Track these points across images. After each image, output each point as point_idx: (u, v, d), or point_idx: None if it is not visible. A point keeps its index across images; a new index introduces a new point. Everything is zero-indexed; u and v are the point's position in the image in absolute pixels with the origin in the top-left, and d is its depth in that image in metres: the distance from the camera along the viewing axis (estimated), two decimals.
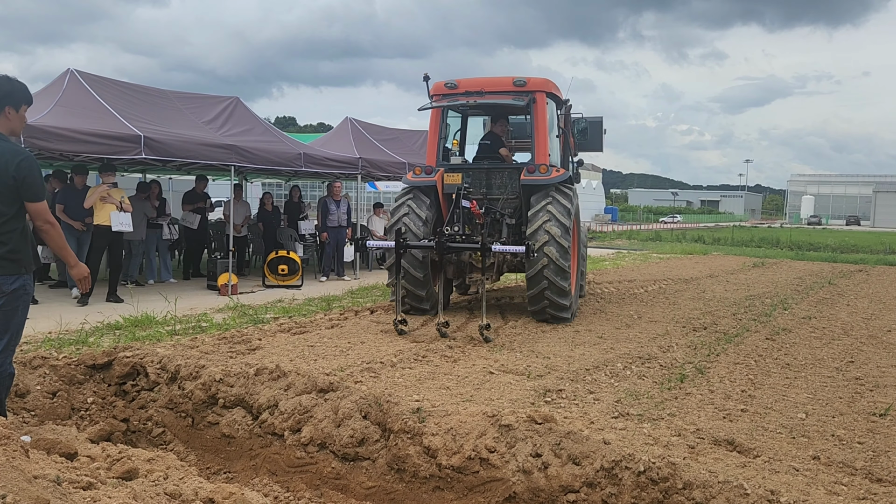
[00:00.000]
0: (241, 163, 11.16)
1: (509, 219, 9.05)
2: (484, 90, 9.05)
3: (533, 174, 8.70)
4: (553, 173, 8.74)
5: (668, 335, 8.15)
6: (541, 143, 8.99)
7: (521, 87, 8.94)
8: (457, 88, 9.16)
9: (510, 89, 8.99)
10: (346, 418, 4.51)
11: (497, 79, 9.22)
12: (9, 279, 3.91)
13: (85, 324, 7.94)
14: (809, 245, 30.02)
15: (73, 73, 10.60)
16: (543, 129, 9.01)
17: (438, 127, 9.60)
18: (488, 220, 8.97)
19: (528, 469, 3.93)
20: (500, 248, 7.54)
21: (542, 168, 8.69)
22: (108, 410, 5.09)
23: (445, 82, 9.21)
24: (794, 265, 19.80)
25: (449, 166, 9.34)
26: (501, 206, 9.16)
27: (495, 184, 9.21)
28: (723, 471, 3.83)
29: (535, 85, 9.00)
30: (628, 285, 13.30)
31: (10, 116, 3.93)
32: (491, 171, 9.26)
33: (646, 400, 5.44)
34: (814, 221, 75.85)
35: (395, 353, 6.76)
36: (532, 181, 8.71)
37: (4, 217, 3.89)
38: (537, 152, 8.99)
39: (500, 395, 5.40)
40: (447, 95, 9.19)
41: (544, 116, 9.01)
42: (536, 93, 8.99)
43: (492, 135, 9.81)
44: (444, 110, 9.58)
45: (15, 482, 2.01)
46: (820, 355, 7.30)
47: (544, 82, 9.14)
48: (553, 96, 9.42)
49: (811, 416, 5.14)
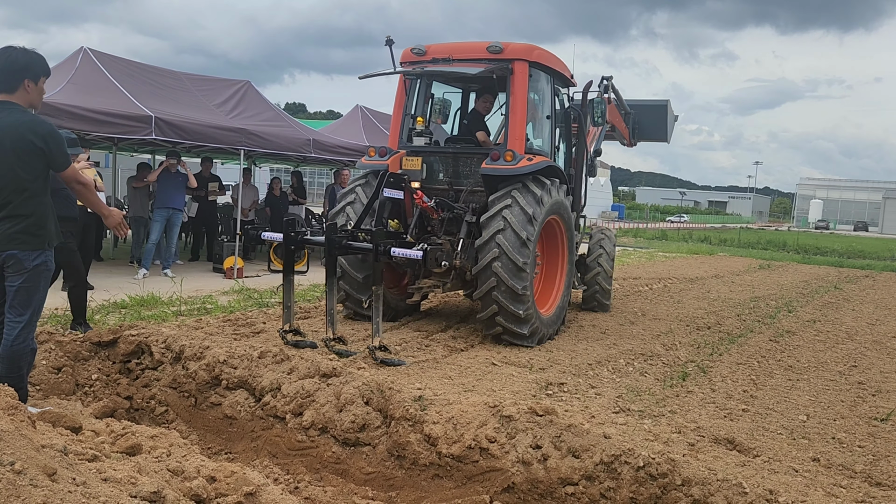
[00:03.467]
0: (250, 147, 11.18)
1: (471, 215, 7.21)
2: (452, 57, 7.41)
3: (496, 162, 6.94)
4: (522, 162, 6.92)
5: (671, 333, 8.15)
6: (516, 124, 7.19)
7: (497, 55, 7.18)
8: (424, 55, 7.58)
9: (483, 56, 7.25)
10: (347, 404, 4.53)
11: (470, 44, 7.55)
12: (31, 254, 3.92)
13: (91, 301, 7.98)
14: (816, 249, 29.93)
15: (87, 51, 10.62)
16: (521, 106, 7.20)
17: (403, 101, 7.96)
18: (446, 216, 7.34)
19: (527, 460, 3.95)
20: (397, 252, 5.87)
21: (507, 155, 6.89)
22: (112, 387, 5.13)
23: (413, 48, 7.66)
24: (800, 269, 19.74)
25: (411, 148, 7.74)
26: (464, 199, 7.45)
27: (463, 172, 7.60)
28: (722, 469, 3.84)
29: (514, 52, 7.22)
30: (633, 283, 13.29)
31: (29, 89, 3.90)
32: (458, 156, 7.63)
33: (647, 396, 5.45)
34: (821, 226, 75.51)
35: (399, 342, 6.78)
36: (492, 171, 6.98)
37: (27, 191, 3.88)
38: (510, 135, 7.19)
39: (502, 386, 5.42)
40: (414, 63, 7.65)
41: (523, 91, 7.20)
42: (515, 62, 7.20)
43: (473, 113, 8.18)
44: (412, 81, 7.92)
45: (23, 450, 2.03)
46: (823, 359, 7.29)
47: (527, 49, 7.32)
48: (542, 67, 7.60)
49: (812, 419, 5.15)
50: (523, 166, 6.93)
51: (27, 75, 3.87)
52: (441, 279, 7.23)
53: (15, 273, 3.92)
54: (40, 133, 3.83)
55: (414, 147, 7.71)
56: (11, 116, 3.82)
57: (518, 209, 6.71)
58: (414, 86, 7.96)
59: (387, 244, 5.83)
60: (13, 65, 3.83)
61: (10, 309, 3.96)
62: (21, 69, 3.84)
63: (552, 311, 7.45)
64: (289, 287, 6.25)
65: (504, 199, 6.81)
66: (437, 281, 7.25)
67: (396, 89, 7.97)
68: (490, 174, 7.04)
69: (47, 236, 4.02)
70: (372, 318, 5.84)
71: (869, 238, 51.36)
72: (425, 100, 8.11)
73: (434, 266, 6.08)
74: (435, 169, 7.68)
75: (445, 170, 7.68)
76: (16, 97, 3.88)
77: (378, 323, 5.75)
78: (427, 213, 7.35)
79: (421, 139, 7.74)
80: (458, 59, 7.38)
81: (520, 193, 6.80)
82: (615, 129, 10.58)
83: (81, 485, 2.11)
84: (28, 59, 3.89)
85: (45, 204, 4.01)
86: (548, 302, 7.56)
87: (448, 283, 7.20)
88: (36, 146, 3.83)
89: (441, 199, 7.36)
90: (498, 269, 6.59)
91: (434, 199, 7.30)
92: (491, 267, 6.63)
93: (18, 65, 3.84)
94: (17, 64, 3.84)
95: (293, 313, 6.20)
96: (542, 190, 6.96)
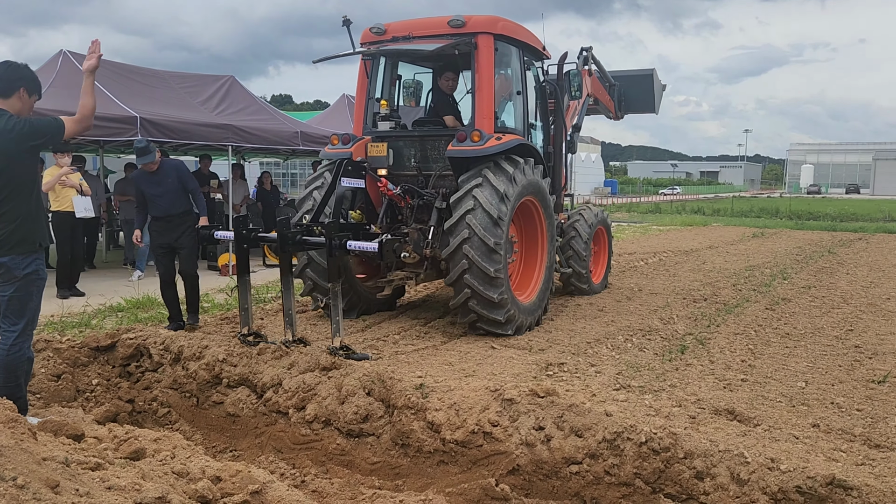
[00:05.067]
0: (238, 142, 11.12)
1: (441, 201, 6.84)
2: (412, 34, 6.99)
3: (463, 143, 6.52)
4: (490, 142, 6.50)
5: (668, 307, 8.19)
6: (483, 102, 6.78)
7: (459, 29, 6.76)
8: (384, 34, 7.15)
9: (445, 31, 6.83)
10: (349, 395, 4.54)
11: (430, 19, 7.15)
12: (23, 262, 3.95)
13: (87, 306, 7.97)
14: (809, 214, 30.02)
15: (66, 54, 10.52)
16: (488, 83, 6.78)
17: (366, 84, 7.52)
18: (415, 203, 7.03)
19: (531, 442, 3.97)
20: (354, 246, 5.42)
21: (475, 135, 6.46)
22: (113, 392, 5.13)
23: (372, 27, 7.25)
24: (793, 235, 19.81)
25: (376, 134, 7.35)
26: (433, 184, 7.10)
27: (431, 156, 7.17)
28: (723, 440, 3.87)
29: (477, 25, 6.79)
30: (629, 258, 13.32)
31: (22, 98, 4.08)
32: (425, 140, 7.19)
33: (647, 372, 5.48)
34: (813, 190, 75.67)
35: (398, 330, 6.80)
36: (459, 153, 6.56)
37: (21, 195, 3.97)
38: (478, 114, 6.79)
39: (502, 369, 5.44)
40: (375, 43, 7.21)
41: (489, 66, 6.78)
42: (479, 35, 6.77)
43: (437, 93, 7.67)
44: (373, 63, 7.49)
45: (25, 464, 2.03)
46: (819, 324, 7.34)
47: (490, 21, 6.87)
48: (508, 40, 7.16)
49: (811, 385, 5.19)
50: (492, 146, 6.50)
51: (23, 84, 4.08)
52: (414, 270, 6.90)
53: (6, 282, 3.94)
54: (25, 131, 3.94)
55: (379, 133, 7.33)
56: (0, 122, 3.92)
57: (490, 188, 6.36)
58: (376, 67, 7.54)
59: (342, 237, 5.33)
60: (14, 73, 4.07)
61: (4, 318, 3.98)
62: (20, 78, 4.07)
63: (532, 298, 7.06)
64: (245, 288, 5.75)
65: (475, 178, 6.47)
66: (409, 272, 6.96)
67: (358, 72, 7.56)
68: (457, 156, 6.62)
69: (38, 237, 4.06)
70: (331, 317, 5.37)
71: (861, 200, 51.54)
72: (391, 82, 7.71)
73: (391, 258, 5.61)
74: (403, 154, 7.27)
75: (413, 155, 7.26)
76: (9, 103, 4.04)
77: (338, 322, 5.29)
78: (396, 202, 7.08)
79: (386, 123, 7.33)
80: (419, 37, 6.96)
81: (491, 172, 6.45)
82: (599, 102, 10.19)
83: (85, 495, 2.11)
84: (27, 73, 4.15)
85: (35, 206, 4.08)
86: (527, 289, 7.19)
87: (421, 273, 6.88)
88: (26, 146, 3.96)
89: (409, 185, 7.03)
90: (469, 251, 6.23)
91: (401, 187, 6.98)
92: (461, 249, 6.26)
93: (18, 73, 4.08)
94: (18, 73, 4.08)
95: (251, 315, 5.77)
96: (514, 169, 6.59)
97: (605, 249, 9.70)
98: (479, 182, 6.40)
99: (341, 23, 7.17)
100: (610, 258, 9.86)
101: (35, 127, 3.98)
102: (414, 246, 6.55)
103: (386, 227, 7.00)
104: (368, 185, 7.18)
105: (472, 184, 6.41)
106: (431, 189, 7.04)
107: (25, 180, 4.00)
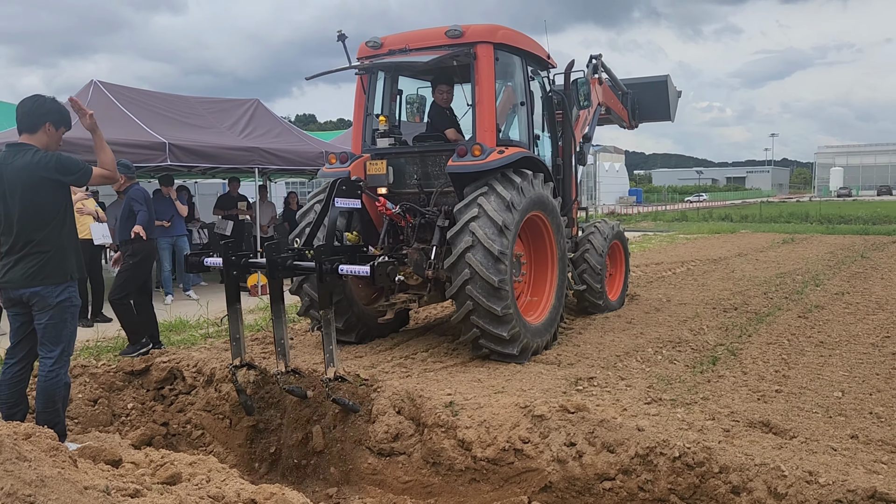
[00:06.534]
0: (264, 164, 11.28)
1: (443, 219, 6.52)
2: (409, 47, 6.76)
3: (463, 158, 6.25)
4: (492, 156, 6.21)
5: (698, 317, 8.09)
6: (484, 115, 6.49)
7: (457, 39, 6.49)
8: (381, 48, 6.92)
9: (443, 42, 6.57)
10: (379, 414, 4.57)
11: (428, 31, 6.86)
12: (55, 290, 4.07)
13: (121, 331, 8.11)
14: (840, 218, 29.49)
15: (97, 84, 10.79)
16: (489, 94, 6.51)
17: (363, 100, 7.23)
18: (417, 222, 6.70)
19: (562, 458, 3.96)
20: (345, 270, 4.96)
21: (475, 149, 6.19)
22: (147, 415, 5.22)
23: (368, 41, 7.00)
24: (824, 239, 19.48)
25: (375, 151, 7.04)
26: (435, 201, 6.75)
27: (433, 173, 6.87)
28: (759, 453, 3.82)
29: (476, 34, 6.51)
30: (656, 268, 13.20)
31: (48, 132, 4.20)
32: (426, 156, 6.89)
33: (678, 384, 5.43)
34: (843, 193, 74.40)
35: (426, 348, 6.81)
36: (459, 168, 6.26)
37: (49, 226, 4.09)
38: (479, 127, 6.51)
39: (531, 385, 5.42)
40: (371, 57, 6.97)
41: (490, 77, 6.50)
42: (478, 45, 6.48)
43: (434, 107, 7.33)
44: (371, 78, 7.23)
45: (68, 494, 2.09)
46: (854, 331, 7.20)
47: (490, 30, 6.61)
48: (510, 49, 6.87)
49: (847, 395, 5.09)
50: (493, 160, 6.19)
51: (49, 119, 4.20)
52: (417, 292, 6.61)
53: (41, 311, 4.06)
54: (50, 166, 4.06)
55: (378, 150, 7.02)
56: (24, 158, 4.05)
57: (496, 196, 6.06)
58: (374, 82, 7.27)
59: (334, 261, 4.95)
60: (39, 108, 4.19)
61: (41, 346, 4.10)
62: (45, 112, 4.19)
63: (541, 320, 6.66)
64: (235, 316, 5.30)
65: (480, 187, 6.19)
66: (412, 295, 6.66)
67: (355, 88, 7.27)
68: (457, 172, 6.30)
69: (70, 269, 4.17)
70: (323, 346, 5.01)
71: (893, 202, 50.50)
72: (392, 97, 7.47)
73: (386, 282, 5.15)
74: (403, 172, 6.95)
75: (414, 172, 6.94)
76: (36, 138, 4.17)
77: (332, 351, 4.93)
78: (396, 222, 6.76)
79: (385, 140, 7.02)
80: (416, 49, 6.71)
81: (498, 182, 6.18)
82: (611, 111, 9.78)
83: None
84: (54, 106, 4.25)
85: (66, 236, 4.19)
86: (536, 310, 6.81)
87: (425, 296, 6.58)
88: (51, 180, 4.06)
89: (409, 204, 6.71)
90: (473, 260, 5.88)
91: (400, 205, 6.66)
92: (464, 258, 5.91)
93: (44, 108, 4.20)
94: (43, 108, 4.20)
95: (244, 346, 5.34)
96: (522, 180, 6.29)
97: (621, 265, 9.20)
98: (484, 191, 6.14)
99: (336, 37, 6.95)
100: (627, 274, 9.33)
101: (62, 163, 4.09)
102: (415, 267, 6.31)
103: (388, 248, 6.75)
104: (368, 205, 6.86)
105: (477, 192, 6.15)
106: (433, 207, 6.73)
107: (55, 213, 4.11)
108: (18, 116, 4.19)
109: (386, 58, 6.80)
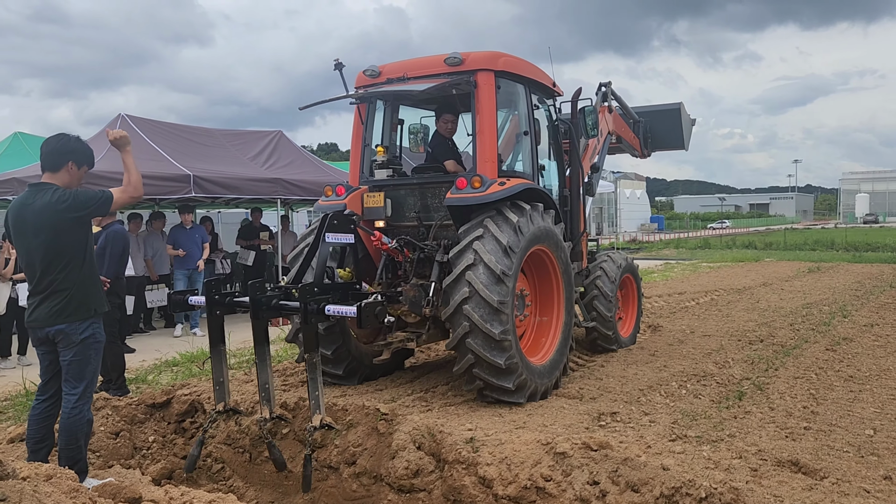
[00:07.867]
0: (286, 195, 11.41)
1: (442, 254, 6.23)
2: (407, 75, 6.58)
3: (462, 190, 5.96)
4: (493, 188, 5.92)
5: (723, 350, 7.97)
6: (485, 144, 6.25)
7: (456, 67, 6.28)
8: (379, 77, 6.74)
9: (442, 70, 6.35)
10: (399, 450, 4.52)
11: (427, 58, 6.66)
12: (79, 327, 4.10)
13: (144, 361, 8.18)
14: (867, 245, 29.03)
15: (124, 117, 11.04)
16: (490, 123, 6.27)
17: (361, 131, 7.04)
18: (415, 257, 6.40)
19: (585, 497, 3.88)
20: (332, 311, 4.63)
21: (475, 181, 5.90)
22: (168, 448, 5.22)
23: (366, 69, 6.81)
24: (851, 268, 19.17)
25: (373, 183, 6.86)
26: (434, 235, 6.48)
27: (432, 205, 6.62)
28: (788, 495, 3.72)
29: (476, 62, 6.29)
30: (678, 298, 13.06)
31: (70, 171, 4.22)
32: (425, 188, 6.65)
33: (703, 420, 5.32)
34: (870, 220, 73.31)
35: (446, 381, 6.77)
36: (458, 201, 5.99)
37: (70, 264, 4.11)
38: (479, 157, 6.25)
39: (553, 420, 5.35)
40: (369, 86, 6.79)
41: (491, 106, 6.27)
42: (479, 73, 6.26)
43: (436, 137, 7.16)
44: (369, 107, 7.05)
45: None
46: (885, 365, 7.03)
47: (491, 57, 6.37)
48: (512, 77, 6.62)
49: (879, 433, 4.95)
50: (494, 192, 5.90)
51: (72, 158, 4.22)
52: (416, 330, 6.39)
53: (65, 347, 4.10)
54: (70, 205, 4.07)
55: (375, 181, 6.83)
56: (44, 198, 4.08)
57: (492, 239, 5.74)
58: (372, 111, 7.08)
59: (320, 301, 4.65)
60: (63, 147, 4.22)
61: (65, 383, 4.13)
62: (68, 151, 4.21)
63: (547, 360, 6.32)
64: (218, 359, 4.91)
65: (476, 228, 5.85)
66: (410, 333, 6.44)
67: (353, 118, 7.11)
68: (456, 205, 6.04)
69: (93, 304, 4.20)
70: (308, 393, 4.66)
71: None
72: (392, 126, 7.25)
73: (373, 324, 4.80)
74: (402, 204, 6.73)
75: (413, 204, 6.70)
76: (58, 177, 4.20)
77: (317, 397, 4.59)
78: (394, 257, 6.50)
79: (383, 171, 6.81)
80: (414, 77, 6.53)
81: (493, 222, 5.84)
82: (622, 139, 9.53)
83: None
84: (77, 145, 4.27)
85: (88, 273, 4.21)
86: (542, 349, 6.48)
87: (424, 334, 6.33)
88: (70, 218, 4.08)
89: (407, 237, 6.44)
90: (471, 313, 5.58)
91: (398, 239, 6.39)
92: (462, 310, 5.61)
93: (68, 147, 4.22)
94: (67, 147, 4.22)
95: (228, 390, 4.98)
96: (519, 217, 5.96)
97: (633, 299, 8.83)
98: (479, 234, 5.78)
99: (333, 66, 6.83)
100: (640, 311, 8.95)
101: (79, 200, 4.09)
102: (411, 305, 6.04)
103: (385, 284, 6.51)
104: (365, 239, 6.55)
105: (472, 236, 5.80)
106: (432, 241, 6.45)
107: (75, 251, 4.12)
108: (42, 155, 4.21)
109: (384, 86, 6.67)
